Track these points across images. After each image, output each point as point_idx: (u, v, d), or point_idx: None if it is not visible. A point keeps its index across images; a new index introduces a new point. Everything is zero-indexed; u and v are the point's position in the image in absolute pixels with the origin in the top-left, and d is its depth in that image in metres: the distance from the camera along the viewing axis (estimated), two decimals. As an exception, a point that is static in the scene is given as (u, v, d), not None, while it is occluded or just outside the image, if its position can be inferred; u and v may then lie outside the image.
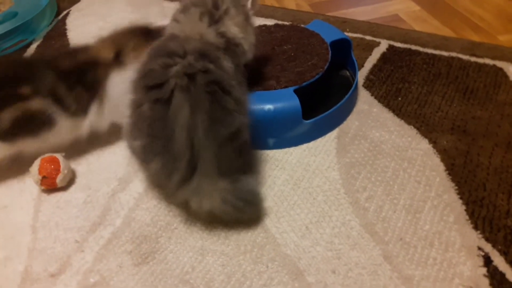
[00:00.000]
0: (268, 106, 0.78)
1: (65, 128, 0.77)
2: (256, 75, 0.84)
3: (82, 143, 0.82)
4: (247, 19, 0.72)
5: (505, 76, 0.92)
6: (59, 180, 0.77)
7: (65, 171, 0.77)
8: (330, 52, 0.86)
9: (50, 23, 1.29)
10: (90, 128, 0.79)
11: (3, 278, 0.66)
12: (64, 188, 0.79)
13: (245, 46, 0.71)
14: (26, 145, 0.76)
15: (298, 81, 0.81)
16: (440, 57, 0.99)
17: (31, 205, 0.77)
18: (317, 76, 0.82)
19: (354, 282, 0.61)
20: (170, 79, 0.60)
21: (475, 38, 1.06)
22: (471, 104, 0.86)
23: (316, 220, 0.69)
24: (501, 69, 0.93)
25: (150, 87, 0.62)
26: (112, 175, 0.81)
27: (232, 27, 0.69)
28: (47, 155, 0.78)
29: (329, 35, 0.91)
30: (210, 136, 0.59)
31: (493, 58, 0.96)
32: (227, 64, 0.65)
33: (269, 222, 0.70)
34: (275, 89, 0.80)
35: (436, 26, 1.12)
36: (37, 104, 0.73)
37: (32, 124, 0.74)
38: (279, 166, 0.79)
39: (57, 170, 0.77)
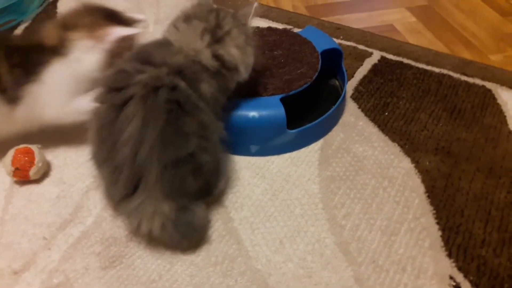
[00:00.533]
0: (253, 113, 0.76)
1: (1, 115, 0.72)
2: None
3: (59, 134, 0.80)
4: (247, 39, 0.70)
5: (493, 98, 0.91)
6: (33, 173, 0.75)
7: (40, 164, 0.75)
8: (320, 61, 0.85)
9: (41, 5, 1.25)
10: (23, 118, 0.74)
11: (-35, 272, 0.64)
12: (38, 180, 0.77)
13: (242, 68, 0.69)
14: None
15: (285, 89, 0.79)
16: (431, 73, 0.98)
17: (2, 196, 0.75)
18: (304, 86, 0.80)
19: (322, 302, 0.60)
20: (131, 86, 0.58)
21: (467, 55, 1.05)
22: (457, 124, 0.86)
23: (291, 235, 0.68)
24: (489, 91, 0.92)
25: (111, 88, 0.60)
26: (88, 171, 0.79)
27: (232, 49, 0.67)
28: (22, 146, 0.76)
29: (321, 43, 0.89)
30: (156, 154, 0.56)
31: (483, 78, 0.95)
32: (207, 88, 0.63)
33: (243, 233, 0.69)
34: (261, 96, 0.78)
35: (430, 39, 1.11)
36: None
37: None
38: (259, 174, 0.78)
39: (31, 163, 0.74)
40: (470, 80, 0.95)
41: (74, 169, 0.80)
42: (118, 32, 0.72)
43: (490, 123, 0.86)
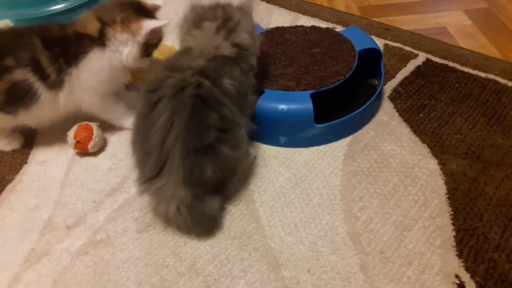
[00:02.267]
0: (282, 106, 0.81)
1: (47, 101, 0.81)
2: (279, 75, 0.87)
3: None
4: (253, 28, 0.79)
5: (540, 106, 0.88)
6: (91, 146, 0.87)
7: (97, 139, 0.87)
8: (356, 60, 0.88)
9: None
10: (64, 103, 0.82)
11: (30, 222, 0.77)
12: (95, 154, 0.89)
13: (253, 50, 0.77)
14: (25, 117, 0.82)
15: (317, 85, 0.84)
16: (476, 78, 0.96)
17: (65, 164, 0.88)
18: (337, 83, 0.84)
19: (325, 284, 0.64)
20: (162, 88, 0.68)
21: (522, 61, 1.01)
22: (494, 130, 0.84)
23: (306, 220, 0.73)
24: (538, 99, 0.89)
25: (148, 90, 0.70)
26: (137, 148, 0.89)
27: (244, 35, 0.75)
28: (84, 123, 0.88)
29: (361, 43, 0.92)
30: (180, 142, 0.64)
31: (532, 86, 0.92)
32: (228, 81, 0.71)
33: (262, 214, 0.75)
34: (293, 90, 0.84)
35: (483, 43, 1.08)
36: (19, 74, 0.77)
37: (20, 97, 0.79)
38: (285, 164, 0.83)
39: (90, 137, 0.86)
40: (518, 86, 0.93)
41: (126, 146, 0.90)
42: (149, 25, 0.81)
43: (530, 131, 0.83)
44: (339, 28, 1.14)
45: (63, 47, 0.80)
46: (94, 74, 0.82)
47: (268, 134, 0.86)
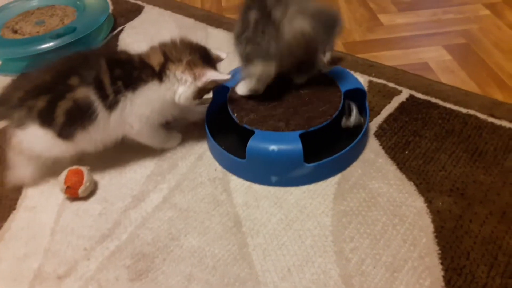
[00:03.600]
0: (273, 147, 0.83)
1: (102, 121, 0.83)
2: (269, 115, 0.89)
3: (108, 156, 0.92)
4: None
5: (519, 142, 0.91)
6: (81, 191, 0.87)
7: (87, 184, 0.87)
8: (342, 101, 0.90)
9: (106, 37, 1.41)
10: (114, 124, 0.85)
11: (19, 273, 0.77)
12: (85, 198, 0.89)
13: None
14: (82, 141, 0.85)
15: (305, 126, 0.86)
16: (458, 113, 0.99)
17: (55, 210, 0.88)
18: (324, 123, 0.86)
19: (319, 329, 0.65)
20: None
21: (499, 96, 1.05)
22: (476, 167, 0.87)
23: (299, 264, 0.74)
24: (517, 134, 0.93)
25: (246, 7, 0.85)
26: (129, 191, 0.90)
27: None
28: (74, 167, 0.88)
29: (346, 83, 0.95)
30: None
31: (511, 120, 0.95)
32: None
33: (255, 258, 0.75)
34: (283, 131, 0.86)
35: (463, 78, 1.12)
36: (81, 91, 0.81)
37: (80, 115, 0.81)
38: (277, 204, 0.84)
39: (80, 182, 0.86)
40: (497, 122, 0.96)
41: (117, 189, 0.91)
42: (212, 75, 0.85)
43: (511, 167, 0.86)
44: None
45: (125, 70, 0.83)
46: (148, 102, 0.85)
47: (260, 173, 0.88)
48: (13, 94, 0.83)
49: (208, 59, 0.88)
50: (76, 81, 0.81)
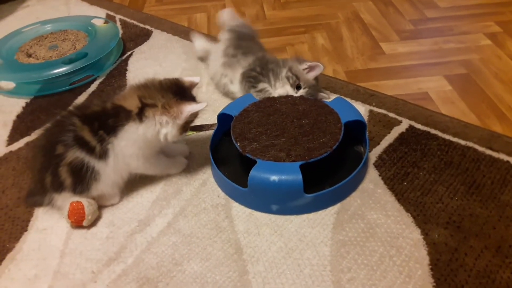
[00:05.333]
0: (274, 177, 0.86)
1: (102, 171, 0.89)
2: (270, 145, 0.93)
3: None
4: None
5: (516, 175, 0.93)
6: (85, 223, 0.90)
7: (89, 217, 0.90)
8: (342, 132, 0.94)
9: (115, 62, 1.46)
10: (113, 168, 0.90)
11: (29, 295, 0.80)
12: (93, 222, 0.92)
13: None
14: (98, 190, 0.91)
15: (306, 156, 0.89)
16: (456, 145, 1.02)
17: (65, 232, 0.91)
18: (324, 155, 0.89)
19: None
20: None
21: (498, 128, 1.08)
22: (473, 200, 0.89)
23: (297, 292, 0.76)
24: (513, 167, 0.95)
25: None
26: (135, 216, 0.93)
27: None
28: (75, 200, 0.89)
29: (346, 114, 0.98)
30: None
31: (508, 154, 0.98)
32: None
33: (255, 285, 0.78)
34: (283, 161, 0.89)
35: (462, 109, 1.15)
36: (70, 155, 0.86)
37: (81, 174, 0.87)
38: (277, 232, 0.87)
39: (82, 217, 0.89)
40: (495, 154, 0.98)
41: (124, 213, 0.94)
42: (189, 109, 0.88)
43: (507, 200, 0.88)
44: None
45: (101, 120, 0.88)
46: (131, 143, 0.89)
47: (261, 202, 0.91)
48: (39, 183, 0.92)
49: (182, 93, 0.90)
50: (61, 149, 0.87)
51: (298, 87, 1.10)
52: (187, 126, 0.93)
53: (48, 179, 0.89)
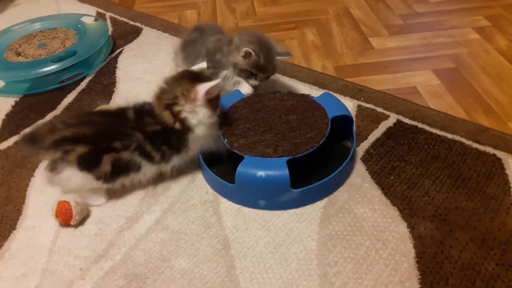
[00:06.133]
0: (260, 173, 0.87)
1: (149, 171, 0.93)
2: (258, 141, 0.93)
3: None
4: None
5: (501, 167, 0.94)
6: (73, 223, 0.90)
7: (77, 217, 0.89)
8: (329, 127, 0.94)
9: (105, 59, 1.46)
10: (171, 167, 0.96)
11: (17, 293, 0.80)
12: (82, 219, 0.92)
13: None
14: (120, 183, 0.93)
15: (293, 152, 0.89)
16: (443, 139, 1.02)
17: (53, 230, 0.91)
18: (311, 150, 0.89)
19: None
20: None
21: (485, 121, 1.08)
22: (459, 193, 0.90)
23: (284, 287, 0.77)
24: (499, 160, 0.96)
25: None
26: (123, 213, 0.93)
27: None
28: (62, 199, 0.89)
29: (333, 110, 0.99)
30: None
31: (495, 147, 0.98)
32: None
33: (242, 281, 0.78)
34: (270, 157, 0.89)
35: (450, 103, 1.16)
36: (126, 155, 0.88)
37: (125, 169, 0.90)
38: (265, 227, 0.88)
39: (70, 217, 0.89)
40: (482, 148, 0.99)
41: (112, 210, 0.94)
42: (204, 87, 0.87)
43: (493, 193, 0.89)
44: (315, 89, 1.21)
45: (164, 139, 0.91)
46: (203, 141, 0.94)
47: (248, 198, 0.91)
48: (47, 136, 0.88)
49: (193, 77, 0.91)
50: (119, 145, 0.88)
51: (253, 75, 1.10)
52: (214, 103, 0.91)
53: (81, 149, 0.86)
